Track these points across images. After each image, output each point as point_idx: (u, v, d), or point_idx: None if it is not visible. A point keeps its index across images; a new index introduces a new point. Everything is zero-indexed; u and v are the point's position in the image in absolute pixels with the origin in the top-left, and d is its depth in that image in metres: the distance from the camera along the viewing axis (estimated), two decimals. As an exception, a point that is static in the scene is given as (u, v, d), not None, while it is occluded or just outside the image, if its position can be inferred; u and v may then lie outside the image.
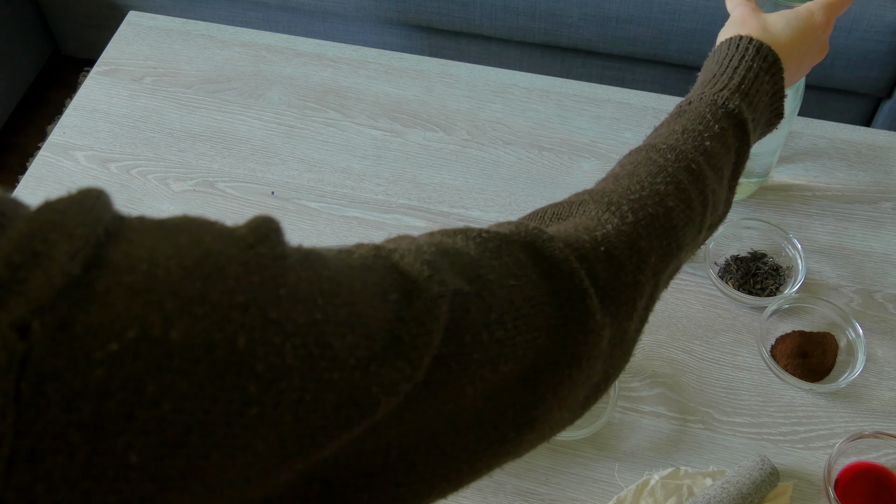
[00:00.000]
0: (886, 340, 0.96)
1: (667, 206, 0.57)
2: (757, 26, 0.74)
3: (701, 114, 0.65)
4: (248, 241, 0.36)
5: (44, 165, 1.10)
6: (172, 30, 1.24)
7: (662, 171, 0.60)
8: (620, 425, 0.91)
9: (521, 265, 0.48)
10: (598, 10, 1.59)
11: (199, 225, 0.38)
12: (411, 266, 0.43)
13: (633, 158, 0.62)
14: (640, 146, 0.64)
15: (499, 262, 0.47)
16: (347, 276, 0.39)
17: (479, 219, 1.05)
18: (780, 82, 0.73)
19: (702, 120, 0.65)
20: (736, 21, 0.77)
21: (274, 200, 1.07)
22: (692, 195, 0.60)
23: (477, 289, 0.45)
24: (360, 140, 1.12)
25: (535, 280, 0.48)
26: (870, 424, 0.91)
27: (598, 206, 0.56)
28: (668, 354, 0.95)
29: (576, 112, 1.15)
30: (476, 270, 0.46)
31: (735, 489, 0.83)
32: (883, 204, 1.07)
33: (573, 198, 0.59)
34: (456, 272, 0.45)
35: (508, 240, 0.49)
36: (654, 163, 0.61)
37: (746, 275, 0.99)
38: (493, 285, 0.46)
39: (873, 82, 1.59)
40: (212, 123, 1.14)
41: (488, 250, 0.48)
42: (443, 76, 1.18)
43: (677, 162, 0.61)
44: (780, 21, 0.75)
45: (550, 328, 0.47)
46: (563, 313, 0.48)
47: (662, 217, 0.57)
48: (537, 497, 0.86)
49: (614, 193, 0.58)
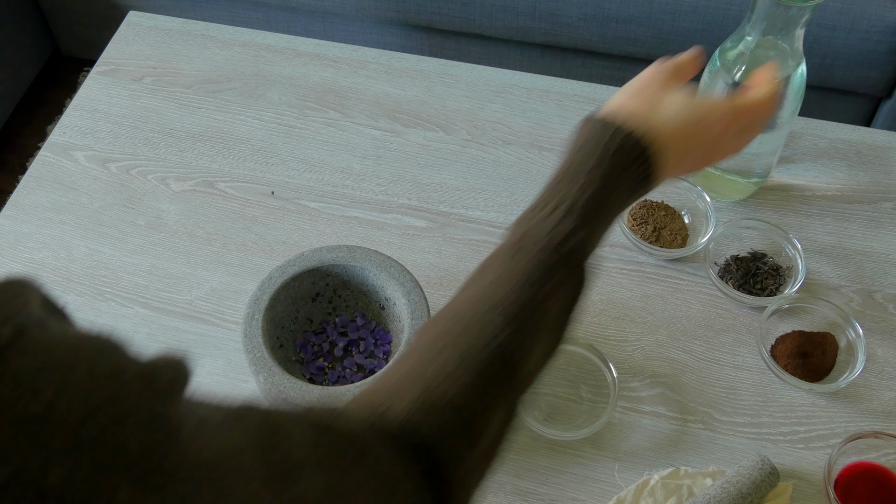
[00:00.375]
0: (886, 340, 0.96)
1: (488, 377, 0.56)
2: (644, 104, 0.68)
3: (537, 262, 0.60)
4: (151, 393, 0.34)
5: (44, 165, 1.10)
6: (172, 30, 1.24)
7: (494, 336, 0.57)
8: (620, 425, 0.91)
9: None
10: (598, 10, 1.59)
11: (103, 352, 0.35)
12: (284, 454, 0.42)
13: (471, 307, 0.59)
14: (480, 282, 0.61)
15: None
16: (230, 456, 0.38)
17: (479, 218, 1.05)
18: (646, 182, 0.66)
19: (537, 268, 0.60)
20: (633, 87, 0.70)
21: (274, 200, 1.07)
22: (519, 362, 0.58)
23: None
24: (360, 140, 1.12)
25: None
26: (870, 424, 0.91)
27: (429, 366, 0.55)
28: (667, 354, 0.95)
29: (576, 112, 1.15)
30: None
31: (735, 489, 0.83)
32: (883, 204, 1.07)
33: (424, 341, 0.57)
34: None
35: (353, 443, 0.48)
36: (489, 324, 0.57)
37: (746, 275, 0.99)
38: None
39: (873, 82, 1.59)
40: (212, 123, 1.14)
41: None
42: (443, 76, 1.18)
43: (508, 325, 0.57)
44: (673, 107, 0.68)
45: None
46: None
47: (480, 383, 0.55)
48: (537, 497, 0.86)
49: (444, 359, 0.55)
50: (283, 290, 0.88)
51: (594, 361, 0.91)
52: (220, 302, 0.99)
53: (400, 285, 0.88)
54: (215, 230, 1.05)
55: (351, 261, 0.89)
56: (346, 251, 0.90)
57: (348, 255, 0.90)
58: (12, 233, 1.05)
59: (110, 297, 0.99)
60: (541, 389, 0.92)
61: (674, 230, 1.02)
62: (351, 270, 0.90)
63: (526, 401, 0.61)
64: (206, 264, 1.02)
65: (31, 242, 1.04)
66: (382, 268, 0.89)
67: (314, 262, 0.90)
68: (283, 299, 0.89)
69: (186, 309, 0.99)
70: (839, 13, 1.50)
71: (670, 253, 1.00)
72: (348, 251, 0.90)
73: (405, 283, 0.88)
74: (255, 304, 0.87)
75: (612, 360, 0.91)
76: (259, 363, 0.83)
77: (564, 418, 0.91)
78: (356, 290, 0.92)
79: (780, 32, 0.90)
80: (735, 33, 0.94)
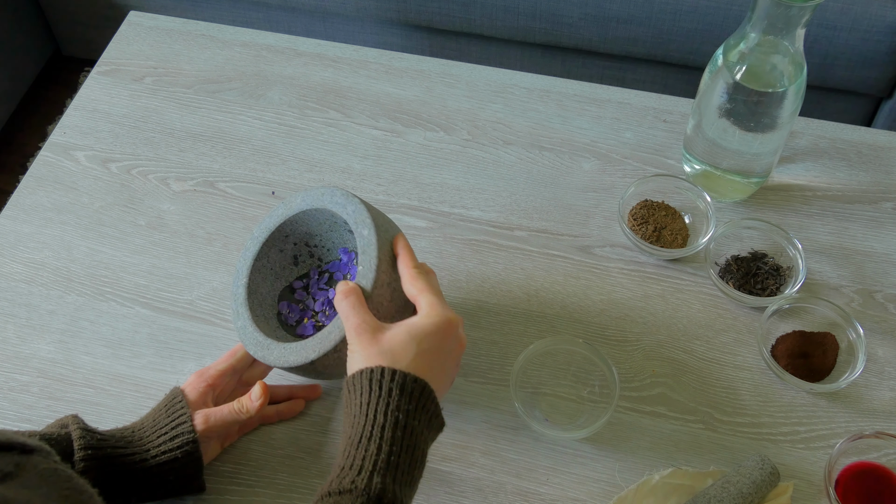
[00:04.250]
0: (887, 340, 0.96)
1: None
2: (380, 350, 0.72)
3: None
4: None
5: (44, 165, 1.11)
6: (173, 30, 1.24)
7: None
8: (620, 425, 0.91)
9: None
10: (598, 10, 1.59)
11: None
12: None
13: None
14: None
15: None
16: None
17: (479, 218, 1.05)
18: (437, 415, 0.72)
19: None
20: (354, 342, 0.73)
21: (275, 200, 1.07)
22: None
23: None
24: (360, 140, 1.12)
25: None
26: (870, 424, 0.91)
27: None
28: (668, 354, 0.95)
29: (576, 112, 1.15)
30: None
31: (735, 489, 0.83)
32: (883, 204, 1.07)
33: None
34: None
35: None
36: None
37: (747, 275, 0.99)
38: None
39: (874, 82, 1.59)
40: (212, 123, 1.14)
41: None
42: (443, 76, 1.18)
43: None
44: (401, 337, 0.72)
45: None
46: None
47: None
48: (537, 497, 0.86)
49: None
50: (256, 273, 0.88)
51: (595, 361, 0.91)
52: (221, 302, 0.99)
53: (347, 214, 0.84)
54: (216, 230, 1.05)
55: (290, 212, 0.88)
56: (282, 207, 0.89)
57: (286, 209, 0.88)
58: (13, 233, 1.05)
59: (111, 297, 1.00)
60: (541, 389, 0.92)
61: (674, 230, 1.02)
62: (299, 221, 0.89)
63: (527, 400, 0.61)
64: (206, 264, 1.02)
65: (31, 242, 1.04)
66: (319, 201, 0.86)
67: (265, 233, 0.89)
68: (261, 281, 0.89)
69: (187, 309, 0.99)
70: (840, 13, 1.50)
71: (671, 253, 1.00)
72: (284, 206, 0.89)
73: (339, 200, 0.85)
74: (236, 300, 0.87)
75: (612, 360, 0.91)
76: (244, 332, 0.84)
77: (565, 418, 0.91)
78: (323, 235, 0.91)
79: (780, 32, 0.90)
80: (736, 33, 0.94)
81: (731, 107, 0.96)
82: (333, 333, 0.79)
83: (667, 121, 1.14)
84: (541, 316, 0.98)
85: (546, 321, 0.97)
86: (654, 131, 1.13)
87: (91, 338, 0.97)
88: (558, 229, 1.04)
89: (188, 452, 0.80)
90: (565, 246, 1.03)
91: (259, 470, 0.88)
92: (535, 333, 0.96)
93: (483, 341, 0.96)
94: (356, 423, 0.69)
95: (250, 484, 0.87)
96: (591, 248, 1.03)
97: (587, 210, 1.06)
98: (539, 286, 1.00)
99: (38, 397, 0.93)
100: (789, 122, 0.97)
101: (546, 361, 0.93)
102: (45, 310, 0.99)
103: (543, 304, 0.98)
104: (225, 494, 0.86)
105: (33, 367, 0.95)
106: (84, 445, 0.76)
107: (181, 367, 0.94)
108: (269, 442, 0.90)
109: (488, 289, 1.00)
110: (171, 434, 0.80)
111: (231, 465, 0.88)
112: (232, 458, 0.88)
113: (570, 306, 0.98)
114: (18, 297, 1.00)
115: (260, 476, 0.87)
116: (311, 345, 0.80)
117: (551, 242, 1.03)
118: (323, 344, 0.79)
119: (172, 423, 0.81)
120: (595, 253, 1.02)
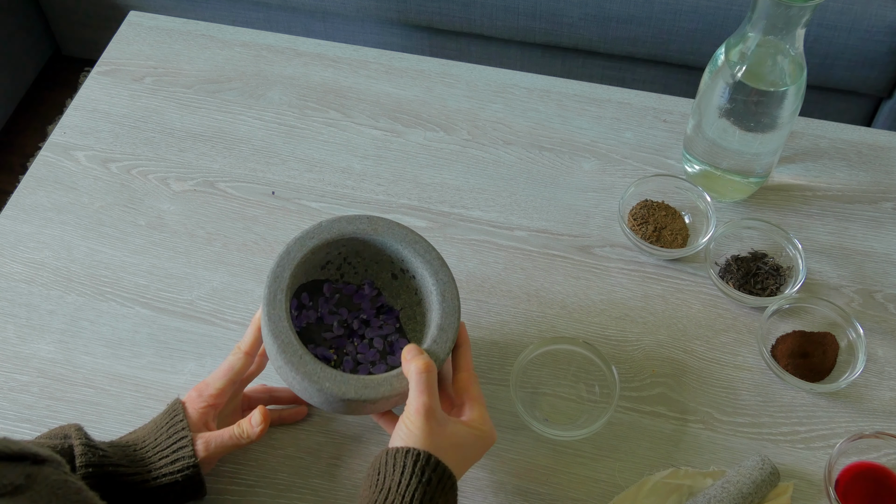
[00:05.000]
0: (887, 340, 0.96)
1: None
2: (446, 443, 0.75)
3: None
4: None
5: (44, 165, 1.11)
6: (173, 30, 1.24)
7: None
8: (620, 425, 0.91)
9: None
10: (598, 10, 1.59)
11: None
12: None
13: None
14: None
15: None
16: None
17: (479, 218, 1.05)
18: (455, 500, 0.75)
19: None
20: (416, 421, 0.75)
21: (275, 200, 1.07)
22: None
23: None
24: (360, 140, 1.12)
25: None
26: (870, 424, 0.91)
27: None
28: (668, 354, 0.95)
29: (576, 112, 1.15)
30: None
31: (735, 489, 0.83)
32: (883, 204, 1.07)
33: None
34: None
35: None
36: None
37: (747, 275, 0.99)
38: None
39: (874, 82, 1.59)
40: (212, 123, 1.14)
41: None
42: (443, 76, 1.18)
43: None
44: (460, 438, 0.76)
45: None
46: None
47: None
48: (537, 497, 0.86)
49: None
50: (301, 266, 0.84)
51: (595, 361, 0.91)
52: (221, 302, 0.99)
53: (425, 262, 0.84)
54: (216, 230, 1.05)
55: (372, 234, 0.86)
56: (366, 222, 0.86)
57: (369, 226, 0.86)
58: (13, 233, 1.05)
59: (111, 297, 1.00)
60: (541, 389, 0.92)
61: (674, 230, 1.02)
62: (369, 240, 0.87)
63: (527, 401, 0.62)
64: (206, 264, 1.02)
65: (31, 242, 1.04)
66: (403, 240, 0.86)
67: (333, 234, 0.85)
68: (298, 274, 0.85)
69: (187, 309, 0.99)
70: (840, 13, 1.50)
71: (671, 253, 1.00)
72: (368, 222, 0.86)
73: (430, 261, 0.85)
74: (276, 283, 0.81)
75: (612, 360, 0.91)
76: (288, 350, 0.78)
77: (565, 418, 0.91)
78: (369, 258, 0.89)
79: (780, 32, 0.90)
80: (736, 33, 0.94)
81: (731, 107, 0.96)
82: (383, 387, 0.78)
83: (667, 121, 1.14)
84: (541, 316, 0.98)
85: (546, 321, 0.97)
86: (654, 131, 1.13)
87: (91, 338, 0.97)
88: (558, 229, 1.04)
89: (189, 476, 0.79)
90: (565, 246, 1.03)
91: (259, 470, 0.88)
92: (535, 333, 0.96)
93: (483, 341, 0.96)
94: (390, 499, 0.71)
95: (250, 484, 0.87)
96: (591, 248, 1.03)
97: (587, 210, 1.06)
98: (539, 286, 1.00)
99: (38, 397, 0.93)
100: (789, 122, 0.97)
101: (546, 361, 0.93)
102: (45, 310, 0.99)
103: (543, 304, 0.98)
104: (225, 494, 0.86)
105: (33, 367, 0.95)
106: (86, 463, 0.76)
107: (181, 367, 0.94)
108: (269, 442, 0.90)
109: (488, 289, 1.00)
110: (172, 457, 0.79)
111: (231, 465, 0.88)
112: (232, 458, 0.88)
113: (570, 306, 0.98)
114: (18, 297, 1.00)
115: (260, 476, 0.87)
116: (354, 385, 0.78)
117: (551, 242, 1.03)
118: (367, 391, 0.78)
119: (174, 444, 0.80)
120: (595, 253, 1.02)
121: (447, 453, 0.74)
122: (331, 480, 0.87)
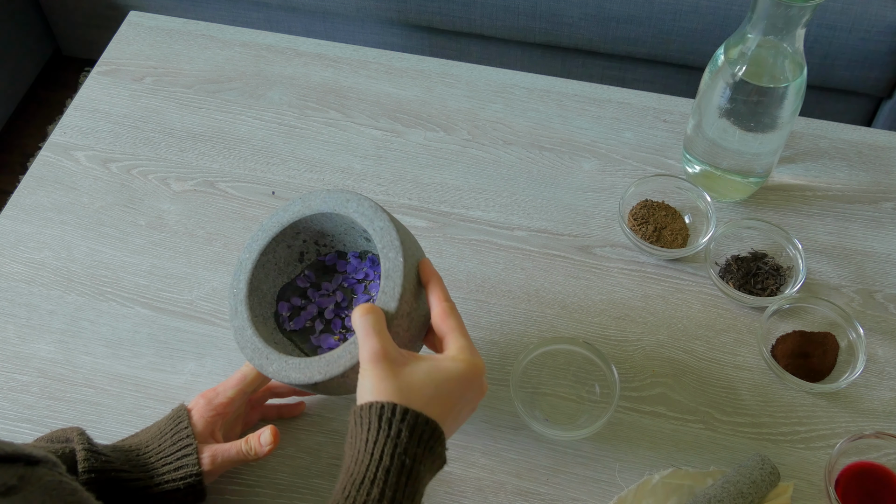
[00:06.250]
0: (887, 340, 0.96)
1: None
2: (396, 385, 0.67)
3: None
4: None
5: (44, 165, 1.11)
6: (173, 30, 1.24)
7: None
8: (620, 425, 0.91)
9: None
10: (598, 10, 1.59)
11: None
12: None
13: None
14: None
15: None
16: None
17: (479, 218, 1.05)
18: (442, 457, 0.68)
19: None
20: (368, 369, 0.68)
21: (275, 200, 1.07)
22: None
23: None
24: (360, 140, 1.12)
25: None
26: (870, 424, 0.91)
27: None
28: (668, 354, 0.95)
29: (576, 112, 1.15)
30: None
31: (735, 489, 0.83)
32: (884, 204, 1.07)
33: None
34: None
35: None
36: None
37: (747, 275, 0.99)
38: None
39: (874, 82, 1.59)
40: (212, 123, 1.14)
41: None
42: (443, 76, 1.18)
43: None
44: (420, 375, 0.68)
45: None
46: None
47: None
48: (537, 497, 0.86)
49: None
50: (260, 269, 0.84)
51: (595, 361, 0.91)
52: (221, 302, 0.99)
53: (362, 216, 0.81)
54: (216, 230, 1.05)
55: (308, 211, 0.84)
56: (299, 204, 0.84)
57: (303, 207, 0.84)
58: (13, 233, 1.05)
59: (111, 297, 1.00)
60: (541, 389, 0.92)
61: (674, 230, 1.02)
62: (314, 220, 0.85)
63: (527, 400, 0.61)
64: (206, 264, 1.02)
65: (31, 242, 1.04)
66: (336, 205, 0.83)
67: (276, 227, 0.84)
68: (264, 277, 0.84)
69: (187, 309, 0.99)
70: (840, 13, 1.50)
71: (671, 253, 1.00)
72: (302, 203, 0.84)
73: (364, 212, 0.81)
74: (236, 296, 0.82)
75: (612, 360, 0.91)
76: (256, 356, 0.79)
77: (565, 418, 0.91)
78: (335, 232, 0.87)
79: (780, 32, 0.90)
80: (736, 33, 0.94)
81: (731, 106, 0.96)
82: (344, 358, 0.75)
83: (667, 121, 1.14)
84: (541, 316, 0.98)
85: (546, 321, 0.97)
86: (654, 131, 1.13)
87: (91, 338, 0.97)
88: (558, 229, 1.04)
89: (191, 485, 0.79)
90: (565, 246, 1.03)
91: (259, 470, 0.88)
92: (535, 333, 0.96)
93: (483, 341, 0.96)
94: (360, 459, 0.66)
95: (250, 484, 0.87)
96: (591, 248, 1.03)
97: (587, 210, 1.06)
98: (539, 286, 1.00)
99: (38, 397, 0.93)
100: (789, 122, 0.97)
101: (546, 361, 0.93)
102: (45, 310, 0.99)
103: (543, 304, 0.98)
104: (225, 494, 0.86)
105: (33, 367, 0.95)
106: (88, 468, 0.75)
107: (181, 367, 0.94)
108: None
109: (488, 289, 1.00)
110: (176, 465, 0.79)
111: (231, 465, 0.88)
112: (232, 458, 0.88)
113: (570, 306, 0.98)
114: (18, 297, 1.00)
115: (260, 476, 0.87)
116: (317, 366, 0.76)
117: (551, 242, 1.03)
118: (330, 367, 0.75)
119: (177, 452, 0.79)
120: (595, 253, 1.02)
121: (419, 395, 0.67)
122: (331, 480, 0.87)
